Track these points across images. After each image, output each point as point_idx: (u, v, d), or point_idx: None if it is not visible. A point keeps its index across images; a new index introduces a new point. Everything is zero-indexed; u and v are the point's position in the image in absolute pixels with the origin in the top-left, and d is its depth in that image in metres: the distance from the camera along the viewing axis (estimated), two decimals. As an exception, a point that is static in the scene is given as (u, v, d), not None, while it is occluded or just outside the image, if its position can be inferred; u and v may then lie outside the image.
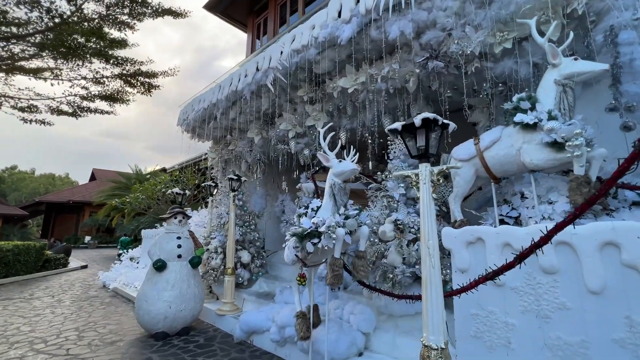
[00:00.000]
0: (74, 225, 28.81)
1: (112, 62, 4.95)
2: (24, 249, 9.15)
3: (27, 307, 5.80)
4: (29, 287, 7.87)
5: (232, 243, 4.76)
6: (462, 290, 1.79)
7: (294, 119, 4.83)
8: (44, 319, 4.97)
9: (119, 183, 22.33)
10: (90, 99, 5.62)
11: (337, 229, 2.38)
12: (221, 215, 5.42)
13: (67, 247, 13.42)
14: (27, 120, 5.42)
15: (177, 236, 4.38)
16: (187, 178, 9.90)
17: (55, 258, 10.70)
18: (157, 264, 4.09)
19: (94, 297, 6.66)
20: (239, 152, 6.09)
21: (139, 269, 7.71)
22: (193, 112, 6.22)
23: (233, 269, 4.69)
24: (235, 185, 4.92)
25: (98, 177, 33.43)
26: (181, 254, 4.29)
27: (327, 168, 5.23)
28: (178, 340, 3.99)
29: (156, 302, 3.97)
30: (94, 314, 5.30)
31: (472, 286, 1.74)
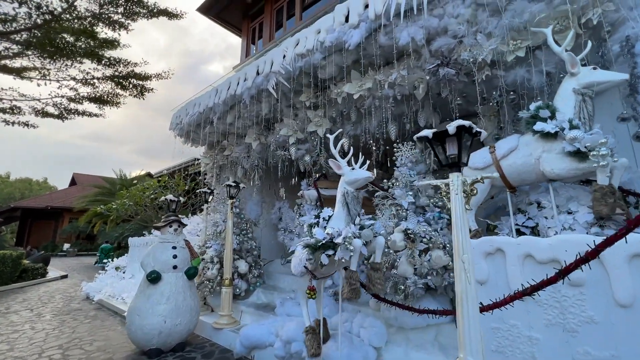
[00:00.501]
0: (52, 232, 27.57)
1: (103, 63, 4.71)
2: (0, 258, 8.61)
3: (3, 322, 5.39)
4: (4, 300, 7.36)
5: (230, 252, 4.56)
6: (497, 306, 1.71)
7: (295, 125, 4.72)
8: (23, 336, 4.61)
9: (102, 188, 21.58)
10: (79, 101, 5.35)
11: (353, 240, 2.27)
12: (217, 223, 5.21)
13: (46, 255, 12.74)
14: (9, 122, 5.10)
15: (173, 246, 4.16)
16: (176, 184, 9.59)
17: (33, 267, 10.12)
18: (152, 276, 3.86)
19: (77, 310, 6.27)
20: (235, 158, 5.92)
21: (125, 279, 7.35)
22: (187, 116, 6.02)
23: (231, 279, 4.49)
24: (233, 192, 4.74)
25: (79, 182, 32.22)
26: (177, 264, 4.07)
27: (328, 175, 5.17)
28: (173, 357, 3.75)
29: (150, 317, 3.73)
30: (78, 329, 4.96)
31: (507, 301, 1.66)
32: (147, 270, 3.93)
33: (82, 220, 20.72)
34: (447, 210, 3.27)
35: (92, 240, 25.82)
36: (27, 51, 4.59)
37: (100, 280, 7.73)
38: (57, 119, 5.43)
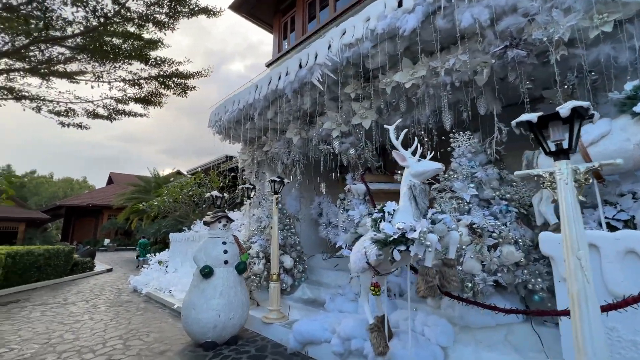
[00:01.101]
0: (93, 228, 29.28)
1: (150, 63, 4.81)
2: (54, 253, 9.19)
3: (64, 312, 5.74)
4: (60, 292, 7.86)
5: (276, 248, 4.57)
6: (616, 307, 1.53)
7: (338, 118, 4.62)
8: (85, 326, 4.87)
9: (138, 186, 22.57)
10: (125, 102, 5.51)
11: (428, 235, 2.15)
12: (260, 218, 5.24)
13: (92, 250, 13.53)
14: (64, 124, 5.36)
15: (223, 241, 4.21)
16: (211, 180, 9.81)
17: (82, 262, 10.76)
18: (205, 271, 3.92)
19: (128, 302, 6.58)
20: (275, 153, 5.91)
21: (169, 273, 7.62)
22: (227, 114, 6.07)
23: (278, 275, 4.50)
24: (277, 188, 4.73)
25: (115, 180, 33.95)
26: (227, 259, 4.12)
27: (373, 169, 5.03)
28: (228, 350, 3.81)
29: (205, 311, 3.81)
30: (133, 320, 5.18)
31: (630, 302, 1.48)
32: (200, 265, 4.00)
33: (121, 217, 21.83)
34: (515, 203, 3.06)
35: (129, 235, 27.20)
36: (79, 56, 4.74)
37: (145, 274, 8.07)
38: (106, 119, 5.65)
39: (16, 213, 21.73)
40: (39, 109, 5.08)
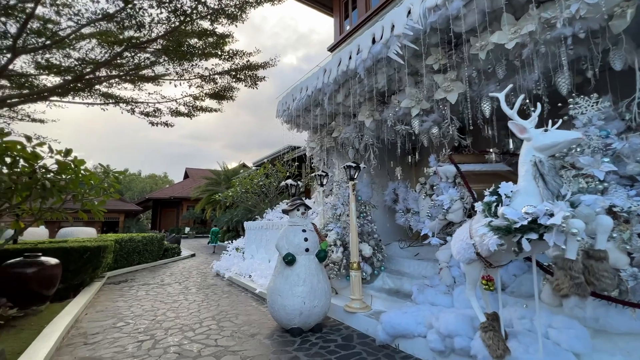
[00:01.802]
0: (175, 218, 32.89)
1: (223, 58, 4.93)
2: (149, 240, 10.43)
3: (163, 292, 6.43)
4: (157, 274, 8.89)
5: (355, 236, 4.41)
6: None
7: (418, 94, 4.20)
8: (182, 306, 5.36)
9: (210, 179, 24.58)
10: (202, 99, 5.80)
11: (572, 221, 1.73)
12: (335, 205, 5.13)
13: (177, 237, 15.13)
14: (154, 124, 5.87)
15: (302, 229, 4.18)
16: (278, 170, 10.08)
17: (171, 247, 12.06)
18: (288, 258, 3.94)
19: (214, 285, 7.12)
20: (346, 139, 5.71)
21: (246, 259, 8.06)
22: (295, 102, 6.03)
23: (359, 263, 4.34)
24: (353, 173, 4.53)
25: (190, 175, 37.55)
26: (308, 247, 4.08)
27: (461, 148, 4.52)
28: (315, 337, 3.80)
29: (290, 297, 3.84)
30: (221, 302, 5.56)
31: None
32: (282, 253, 4.04)
33: (198, 208, 24.10)
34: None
35: (205, 224, 30.01)
36: (161, 59, 5.05)
37: (225, 259, 8.68)
38: (186, 117, 6.05)
39: (118, 205, 25.46)
40: (133, 110, 5.61)
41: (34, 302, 4.76)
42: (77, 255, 6.05)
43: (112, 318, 4.73)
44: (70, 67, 4.50)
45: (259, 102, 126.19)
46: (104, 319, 4.71)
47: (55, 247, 5.88)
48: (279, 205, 8.81)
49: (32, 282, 4.74)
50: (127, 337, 3.92)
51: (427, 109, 4.21)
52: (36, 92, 4.33)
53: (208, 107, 6.15)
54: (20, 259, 4.88)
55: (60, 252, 5.85)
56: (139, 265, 9.85)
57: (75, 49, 4.28)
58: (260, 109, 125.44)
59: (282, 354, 3.37)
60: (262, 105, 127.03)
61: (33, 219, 5.18)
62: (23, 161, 4.80)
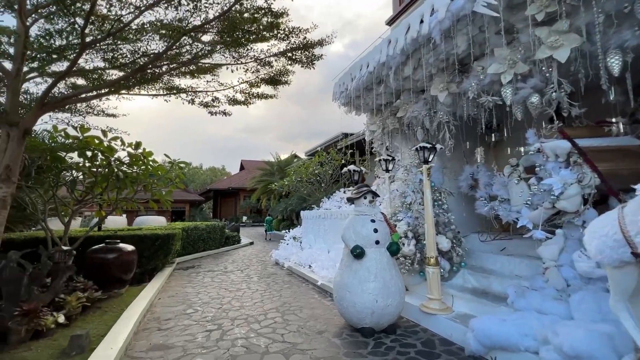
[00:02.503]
0: (233, 207, 34.78)
1: (278, 37, 4.62)
2: (212, 228, 10.92)
3: (227, 280, 6.55)
4: (220, 261, 9.24)
5: (432, 227, 3.85)
6: None
7: (512, 56, 3.43)
8: (245, 295, 5.34)
9: (264, 170, 25.34)
10: (257, 85, 5.60)
11: None
12: (404, 193, 4.59)
13: (237, 226, 15.79)
14: (213, 113, 5.86)
15: (371, 219, 3.75)
16: (333, 158, 9.73)
17: (232, 236, 12.55)
18: (356, 251, 3.56)
19: (274, 274, 7.10)
20: (413, 118, 5.08)
21: (304, 249, 7.91)
22: (354, 81, 5.54)
23: (436, 258, 3.79)
24: (427, 156, 3.95)
25: (246, 166, 39.30)
26: (379, 239, 3.65)
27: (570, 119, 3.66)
28: (389, 340, 3.39)
29: (361, 294, 3.46)
30: (283, 293, 5.43)
31: None
32: (350, 245, 3.66)
33: (254, 197, 25.06)
34: None
35: (260, 213, 31.24)
36: (217, 47, 4.91)
37: (283, 249, 8.66)
38: (243, 104, 5.95)
39: (184, 196, 27.69)
40: (192, 101, 5.64)
41: (115, 286, 5.09)
42: (150, 242, 6.41)
43: (182, 304, 4.85)
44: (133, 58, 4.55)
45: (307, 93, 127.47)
46: (175, 304, 4.85)
47: (131, 235, 6.29)
48: (336, 194, 8.48)
49: (112, 267, 5.07)
50: (197, 325, 3.92)
51: (524, 74, 3.43)
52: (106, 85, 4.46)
53: (264, 94, 5.94)
54: (102, 246, 5.25)
55: (136, 239, 6.23)
56: (204, 252, 10.37)
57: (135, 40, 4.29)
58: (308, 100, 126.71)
59: (354, 357, 3.03)
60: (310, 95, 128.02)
61: (111, 208, 5.56)
62: (101, 154, 5.14)
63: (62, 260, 4.37)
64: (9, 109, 3.48)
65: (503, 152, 5.77)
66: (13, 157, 3.46)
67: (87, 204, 5.62)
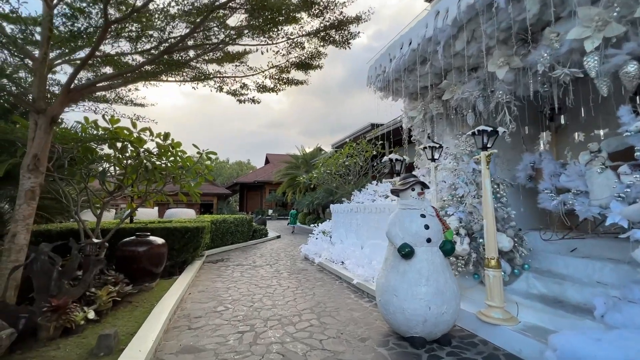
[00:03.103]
0: (259, 200, 35.11)
1: (311, 14, 4.19)
2: (240, 221, 10.82)
3: (257, 275, 6.32)
4: (248, 255, 9.09)
5: (493, 224, 3.32)
6: None
7: (601, 15, 2.80)
8: (277, 292, 5.06)
9: (289, 163, 25.21)
10: (287, 70, 5.22)
11: None
12: (455, 185, 4.06)
13: (264, 219, 15.72)
14: (241, 101, 5.58)
15: (421, 214, 3.28)
16: (364, 149, 9.24)
17: (259, 229, 12.44)
18: (405, 250, 3.11)
19: (304, 270, 6.80)
20: (462, 101, 4.50)
21: (335, 245, 7.54)
22: (393, 61, 5.02)
23: (498, 259, 3.27)
24: (487, 141, 3.40)
25: (271, 160, 39.50)
26: (431, 237, 3.18)
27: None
28: (445, 353, 2.94)
29: (411, 300, 3.03)
30: (316, 292, 5.09)
31: None
32: (396, 243, 3.22)
33: (279, 191, 25.05)
34: None
35: (286, 206, 31.29)
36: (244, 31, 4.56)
37: (313, 243, 8.34)
38: (272, 92, 5.62)
39: (212, 189, 28.25)
40: (220, 88, 5.36)
41: (146, 279, 4.97)
42: (180, 235, 6.30)
43: (212, 300, 4.64)
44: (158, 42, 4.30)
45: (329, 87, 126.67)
46: (205, 300, 4.65)
47: (161, 227, 6.19)
48: (368, 187, 8.01)
49: (143, 260, 4.95)
50: (228, 326, 3.67)
51: (618, 36, 2.79)
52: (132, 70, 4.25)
53: (294, 79, 5.56)
54: (133, 238, 5.15)
55: (166, 231, 6.14)
56: (232, 245, 10.29)
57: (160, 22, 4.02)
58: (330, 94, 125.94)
59: (407, 372, 2.62)
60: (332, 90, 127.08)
61: (140, 200, 5.46)
62: (130, 145, 5.02)
63: (93, 253, 4.28)
64: (36, 95, 3.34)
65: (566, 137, 5.03)
66: (41, 147, 3.32)
67: (119, 195, 5.56)
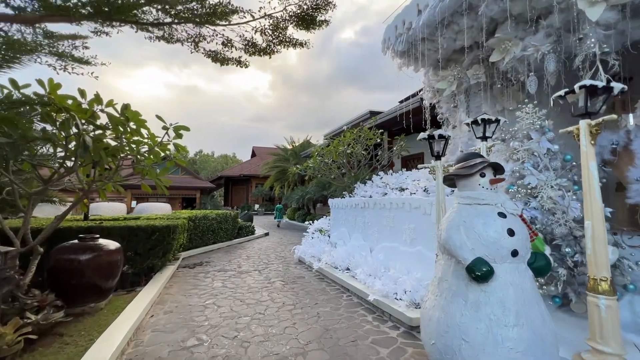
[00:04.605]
0: (245, 195, 33.60)
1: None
2: (224, 217, 9.51)
3: (243, 285, 5.10)
4: (233, 256, 7.83)
5: (602, 228, 2.22)
6: None
7: None
8: (269, 313, 3.86)
9: (278, 155, 23.88)
10: (283, 27, 3.96)
11: None
12: (521, 171, 2.93)
13: (250, 214, 14.43)
14: (224, 62, 4.32)
15: (499, 212, 2.14)
16: (367, 137, 8.09)
17: (246, 226, 11.15)
18: (481, 270, 1.97)
19: (300, 277, 5.61)
20: (519, 61, 3.38)
21: (338, 247, 6.37)
22: (425, 12, 3.85)
23: (611, 281, 2.17)
24: (592, 105, 2.28)
25: (258, 153, 37.90)
26: (517, 248, 2.05)
27: None
28: None
29: (493, 350, 1.89)
30: (320, 311, 3.93)
31: None
32: (463, 257, 2.07)
33: (267, 185, 23.67)
34: None
35: (273, 201, 29.94)
36: None
37: (309, 244, 7.15)
38: (264, 54, 4.36)
39: (194, 183, 26.57)
40: (196, 45, 4.05)
41: (90, 298, 3.67)
42: (145, 236, 4.99)
43: (182, 328, 3.40)
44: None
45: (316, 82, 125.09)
46: (171, 328, 3.41)
47: (120, 226, 4.86)
48: (375, 178, 6.86)
49: (86, 271, 3.63)
50: (200, 378, 2.45)
51: None
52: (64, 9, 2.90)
53: (292, 39, 4.30)
54: (74, 243, 3.82)
55: (126, 232, 4.82)
56: (214, 244, 9.00)
57: None
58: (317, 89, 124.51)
59: None
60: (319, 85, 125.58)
61: (83, 193, 4.11)
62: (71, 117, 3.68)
63: (4, 267, 2.94)
64: None
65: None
66: None
67: (59, 186, 4.19)
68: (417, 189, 4.95)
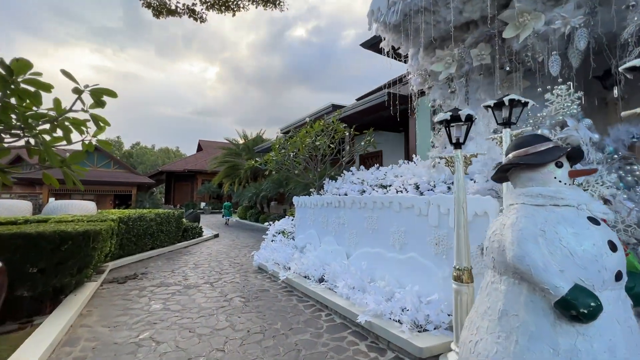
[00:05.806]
0: (190, 192, 30.90)
1: None
2: (165, 218, 8.04)
3: (191, 306, 3.99)
4: (177, 264, 6.53)
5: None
6: None
7: None
8: (230, 346, 2.89)
9: (228, 149, 22.16)
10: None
11: None
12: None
13: (197, 214, 12.86)
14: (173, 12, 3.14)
15: (588, 216, 1.52)
16: (336, 128, 7.37)
17: (192, 227, 9.72)
18: (587, 307, 1.30)
19: (264, 291, 4.66)
20: (538, 39, 2.90)
21: (307, 253, 5.53)
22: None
23: None
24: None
25: (204, 147, 35.20)
26: (621, 269, 1.43)
27: None
28: None
29: None
30: (298, 341, 3.06)
31: None
32: (552, 282, 1.38)
33: (215, 181, 21.79)
34: None
35: (222, 199, 27.89)
36: None
37: (270, 249, 6.19)
38: (226, 9, 3.28)
39: (130, 178, 23.42)
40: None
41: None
42: (50, 247, 3.60)
43: (99, 388, 2.28)
44: None
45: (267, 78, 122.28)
46: (81, 390, 2.26)
47: (11, 233, 3.42)
48: (345, 175, 6.17)
49: None
50: None
51: None
52: None
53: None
54: None
55: (20, 241, 3.41)
56: (153, 250, 7.52)
57: None
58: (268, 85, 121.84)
59: None
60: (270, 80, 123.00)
61: None
62: None
63: None
64: None
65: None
66: None
67: None
68: (404, 186, 4.33)
